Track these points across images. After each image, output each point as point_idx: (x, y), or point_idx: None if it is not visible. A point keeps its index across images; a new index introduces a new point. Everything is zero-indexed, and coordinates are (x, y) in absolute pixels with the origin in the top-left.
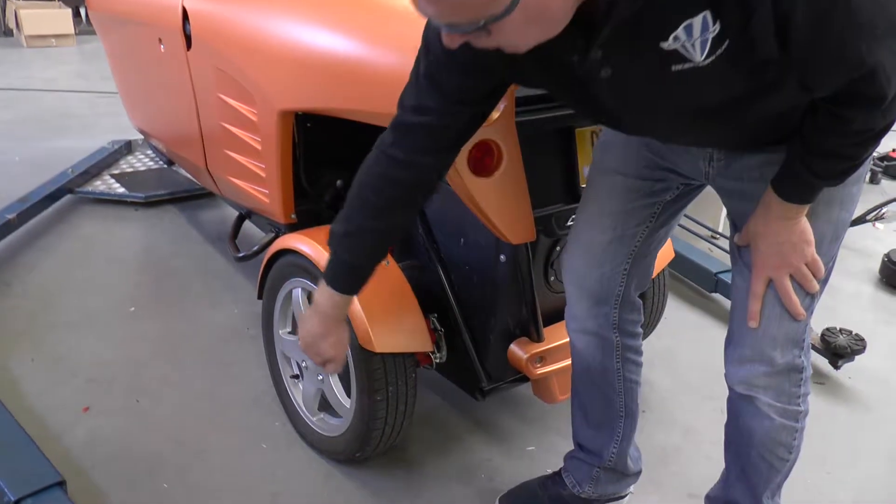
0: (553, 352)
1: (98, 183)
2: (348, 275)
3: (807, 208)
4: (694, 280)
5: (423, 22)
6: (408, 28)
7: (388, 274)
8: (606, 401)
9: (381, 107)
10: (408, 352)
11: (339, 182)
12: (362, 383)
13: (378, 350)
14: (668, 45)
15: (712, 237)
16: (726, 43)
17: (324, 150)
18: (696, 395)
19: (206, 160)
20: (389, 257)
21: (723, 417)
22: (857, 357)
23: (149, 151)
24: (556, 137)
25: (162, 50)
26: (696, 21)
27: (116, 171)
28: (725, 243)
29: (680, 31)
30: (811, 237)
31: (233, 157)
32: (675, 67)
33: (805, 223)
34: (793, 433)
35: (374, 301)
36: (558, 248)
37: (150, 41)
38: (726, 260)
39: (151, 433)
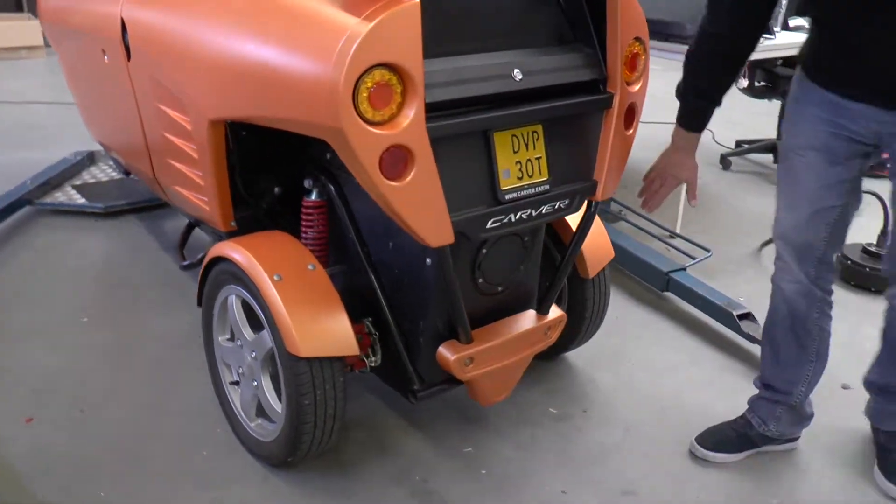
0: (483, 353)
1: (58, 194)
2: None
3: None
4: (646, 279)
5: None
6: (320, 35)
7: (315, 278)
8: (801, 345)
9: (289, 113)
10: (334, 356)
11: (276, 189)
12: (290, 388)
13: (303, 355)
14: None
15: (670, 237)
16: None
17: (260, 158)
18: (639, 394)
19: (154, 170)
20: (316, 262)
21: (663, 416)
22: None
23: (110, 162)
24: (474, 141)
25: (106, 61)
26: None
27: (78, 182)
28: (681, 244)
29: None
30: None
31: (175, 166)
32: None
33: None
34: None
35: (300, 306)
36: (484, 251)
37: (96, 52)
38: (681, 259)
39: (92, 443)
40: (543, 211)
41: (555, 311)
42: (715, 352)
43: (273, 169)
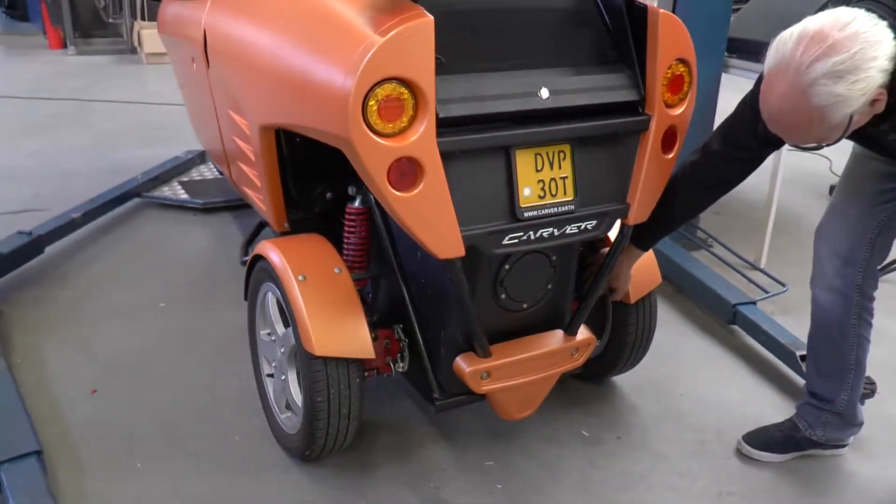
0: (501, 368)
1: (166, 189)
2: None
3: None
4: (713, 310)
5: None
6: (340, 47)
7: (339, 282)
8: (839, 353)
9: (312, 121)
10: (349, 357)
11: (328, 194)
12: (307, 384)
13: (318, 353)
14: None
15: (750, 269)
16: None
17: (312, 163)
18: (679, 425)
19: (230, 171)
20: (342, 266)
21: (700, 450)
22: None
23: None
24: (493, 157)
25: (195, 69)
26: None
27: (185, 179)
28: (761, 276)
29: None
30: None
31: (242, 169)
32: None
33: None
34: None
35: (320, 306)
36: (507, 267)
37: (188, 60)
38: (757, 293)
39: (144, 418)
40: (568, 231)
41: (583, 333)
42: (773, 391)
43: (324, 174)
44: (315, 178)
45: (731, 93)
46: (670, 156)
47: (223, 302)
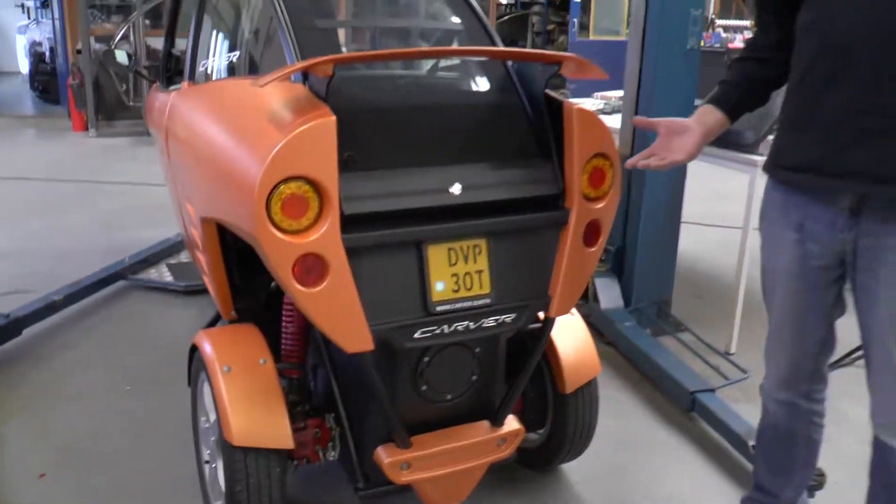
0: (421, 459)
1: (152, 271)
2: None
3: None
4: (672, 397)
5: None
6: (251, 148)
7: (262, 373)
8: (788, 453)
9: (230, 218)
10: (268, 447)
11: (272, 284)
12: (227, 473)
13: (236, 443)
14: None
15: (718, 355)
16: None
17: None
18: None
19: (193, 256)
20: (269, 357)
21: None
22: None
23: None
24: (404, 253)
25: (163, 158)
26: None
27: (174, 261)
28: (726, 363)
29: None
30: None
31: (198, 256)
32: None
33: None
34: None
35: (242, 397)
36: (426, 359)
37: (160, 150)
38: (717, 380)
39: (86, 502)
40: (485, 324)
41: (511, 424)
42: (727, 482)
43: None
44: (260, 268)
45: (697, 179)
46: (594, 248)
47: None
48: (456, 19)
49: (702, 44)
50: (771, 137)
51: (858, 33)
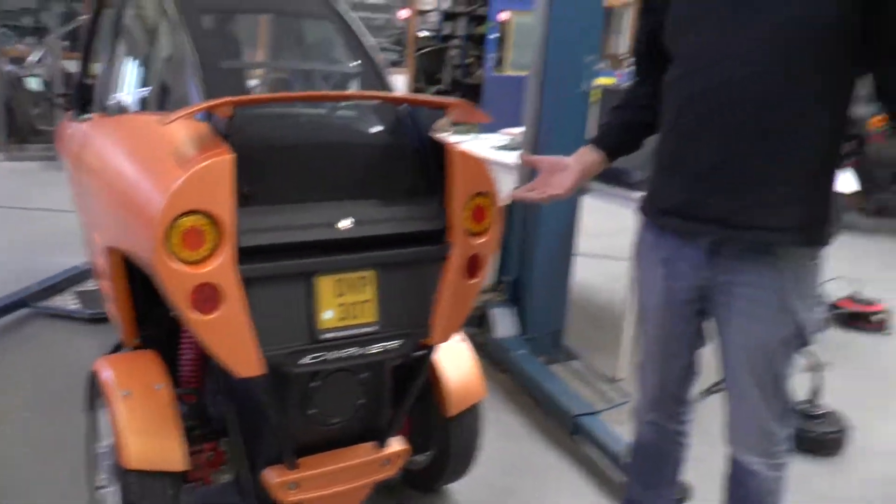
0: (309, 479)
1: (58, 298)
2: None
3: None
4: (557, 420)
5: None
6: (159, 179)
7: (158, 397)
8: (657, 470)
9: (131, 249)
10: (161, 470)
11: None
12: (122, 496)
13: (129, 467)
14: None
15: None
16: None
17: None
18: None
19: (99, 283)
20: (165, 382)
21: None
22: None
23: None
24: (295, 283)
25: (71, 186)
26: None
27: (82, 289)
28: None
29: None
30: None
31: (103, 284)
32: None
33: None
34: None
35: (137, 421)
36: (315, 384)
37: (68, 178)
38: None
39: None
40: (371, 351)
41: (396, 445)
42: (609, 501)
43: None
44: (161, 297)
45: (595, 214)
46: (475, 281)
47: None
48: (354, 63)
49: (613, 81)
50: None
51: (714, 94)
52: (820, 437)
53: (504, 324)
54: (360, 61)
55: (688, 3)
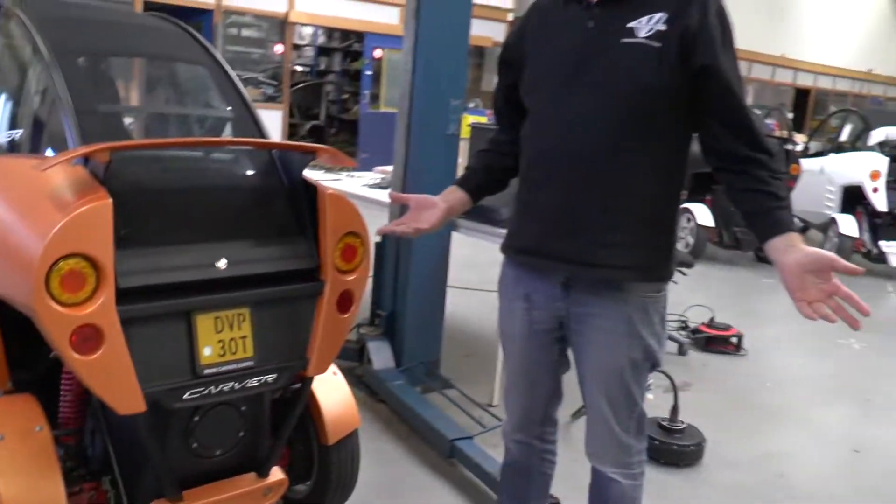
0: None
1: None
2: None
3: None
4: (433, 445)
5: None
6: (37, 223)
7: (37, 440)
8: (526, 486)
9: (7, 291)
10: None
11: (52, 353)
12: None
13: None
14: (630, 24)
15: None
16: (662, 38)
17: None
18: None
19: None
20: (45, 424)
21: None
22: None
23: None
24: (175, 322)
25: None
26: (655, 16)
27: None
28: (485, 416)
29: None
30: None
31: None
32: (625, 40)
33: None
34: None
35: (14, 464)
36: (196, 418)
37: None
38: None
39: None
40: (248, 385)
41: (275, 475)
42: None
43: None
44: (39, 340)
45: (463, 247)
46: (347, 315)
47: None
48: (230, 108)
49: (485, 119)
50: None
51: (556, 151)
52: (679, 449)
53: (380, 356)
54: (234, 106)
55: (537, 65)
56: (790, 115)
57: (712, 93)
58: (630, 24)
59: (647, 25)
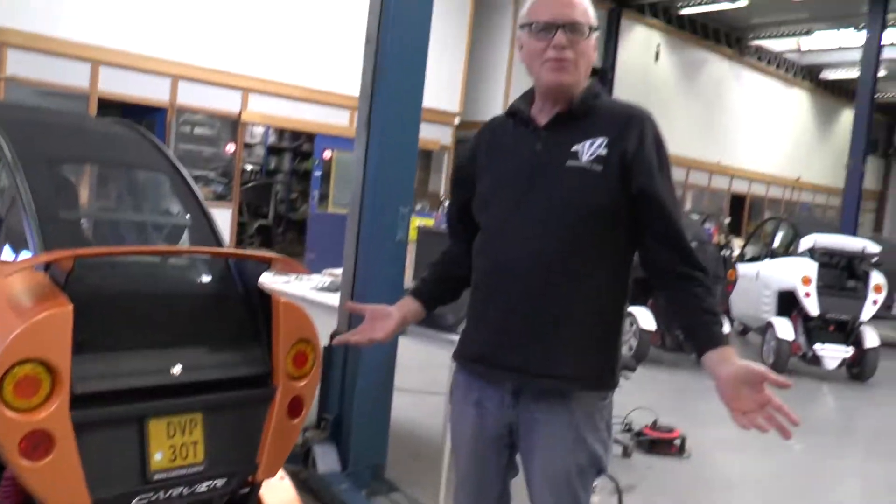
0: None
1: None
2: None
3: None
4: None
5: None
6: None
7: None
8: None
9: None
10: None
11: None
12: None
13: None
14: (574, 147)
15: None
16: (604, 162)
17: None
18: None
19: None
20: None
21: None
22: None
23: None
24: (127, 427)
25: None
26: (597, 140)
27: None
28: None
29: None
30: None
31: None
32: (570, 163)
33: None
34: None
35: None
36: None
37: None
38: None
39: None
40: (198, 489)
41: None
42: None
43: None
44: None
45: (410, 350)
46: (297, 420)
47: None
48: (188, 216)
49: (432, 222)
50: None
51: (504, 266)
52: None
53: (326, 460)
54: (192, 213)
55: (488, 184)
56: (727, 221)
57: (650, 214)
58: (574, 148)
59: (589, 150)
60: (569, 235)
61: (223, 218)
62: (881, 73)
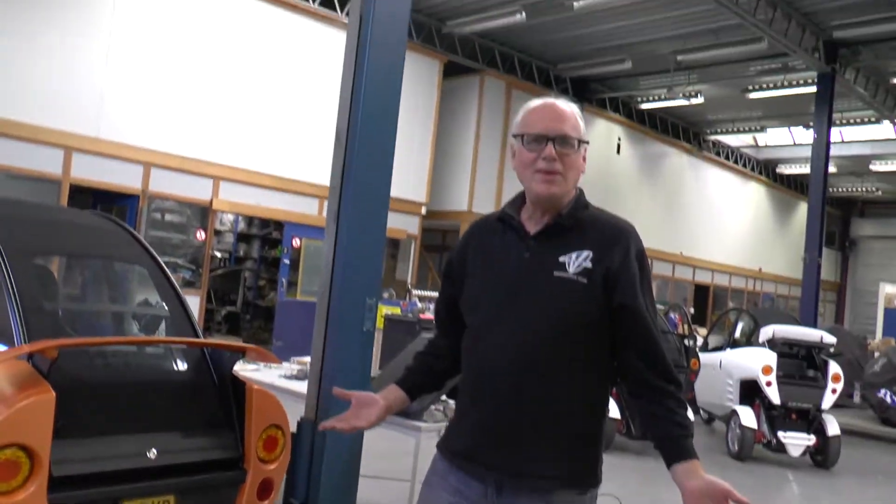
0: None
1: None
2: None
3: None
4: None
5: None
6: None
7: None
8: None
9: None
10: None
11: None
12: None
13: None
14: (562, 258)
15: None
16: (589, 275)
17: None
18: None
19: None
20: None
21: None
22: None
23: None
24: None
25: None
26: (583, 253)
27: None
28: None
29: (572, 254)
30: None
31: None
32: (557, 273)
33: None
34: None
35: None
36: None
37: None
38: None
39: None
40: None
41: None
42: None
43: None
44: None
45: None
46: (266, 503)
47: None
48: (165, 306)
49: (398, 310)
50: (433, 407)
51: (489, 369)
52: None
53: None
54: (170, 304)
55: (477, 286)
56: (691, 311)
57: (629, 327)
58: (561, 259)
59: (575, 262)
60: (553, 342)
61: (192, 304)
62: (832, 168)
